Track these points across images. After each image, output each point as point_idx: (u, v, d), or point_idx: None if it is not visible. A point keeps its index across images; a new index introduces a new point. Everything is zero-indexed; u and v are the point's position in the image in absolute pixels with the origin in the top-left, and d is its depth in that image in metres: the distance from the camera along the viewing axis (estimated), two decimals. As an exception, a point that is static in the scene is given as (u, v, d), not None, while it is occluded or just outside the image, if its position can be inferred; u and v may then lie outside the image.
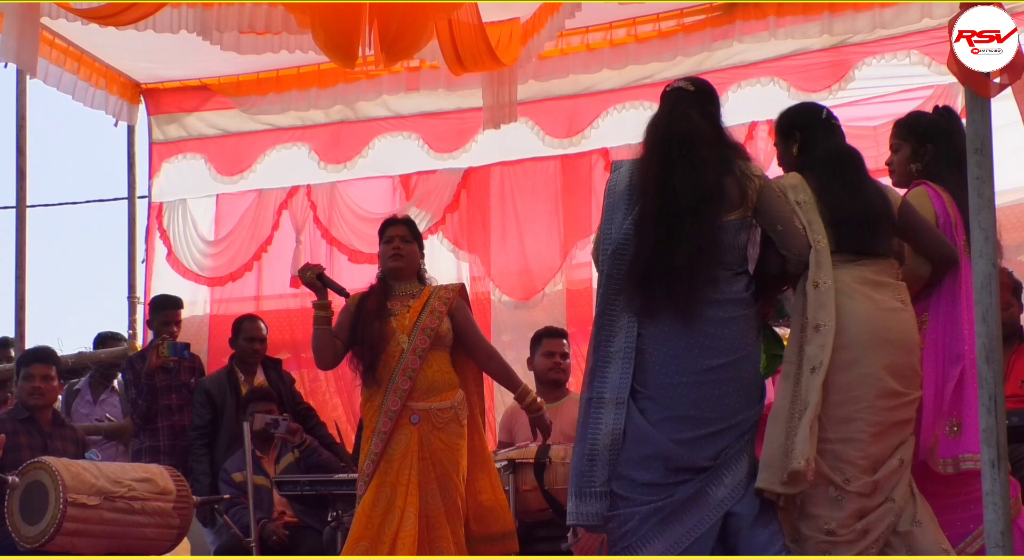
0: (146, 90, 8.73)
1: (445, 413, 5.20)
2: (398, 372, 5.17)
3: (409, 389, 5.16)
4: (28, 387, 6.26)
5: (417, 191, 8.49)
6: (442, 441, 5.18)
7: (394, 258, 5.38)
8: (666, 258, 4.08)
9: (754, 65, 7.71)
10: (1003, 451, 3.77)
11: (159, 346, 7.09)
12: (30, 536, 5.20)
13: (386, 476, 5.10)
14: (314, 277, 5.30)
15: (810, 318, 4.18)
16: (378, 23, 6.41)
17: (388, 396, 5.16)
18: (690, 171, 4.16)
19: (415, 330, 5.23)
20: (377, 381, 5.20)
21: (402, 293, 5.36)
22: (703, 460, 4.07)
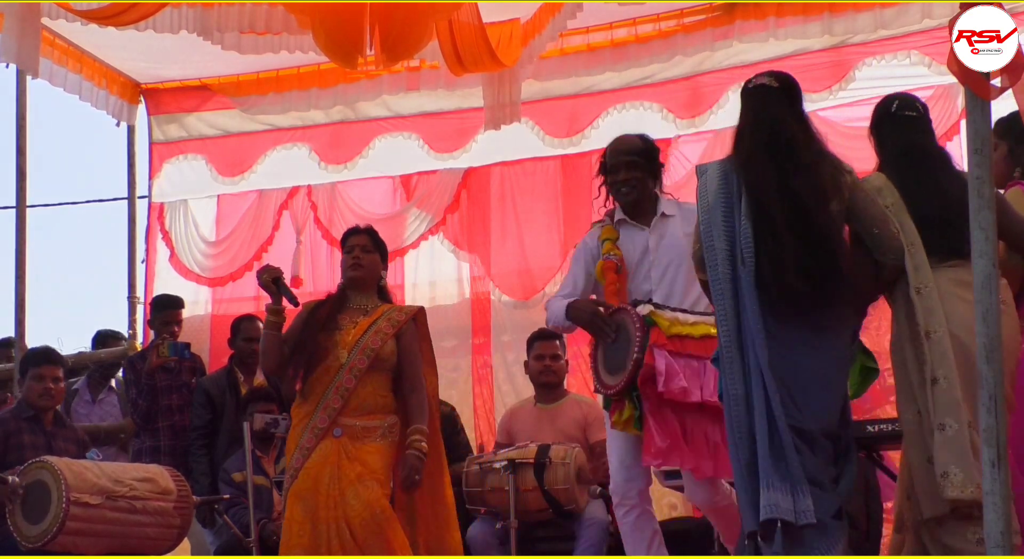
0: (146, 90, 8.74)
1: (371, 432, 5.06)
2: (331, 389, 5.04)
3: (339, 408, 5.03)
4: (39, 388, 6.26)
5: (417, 191, 8.50)
6: (353, 451, 5.00)
7: (353, 267, 5.24)
8: (801, 259, 4.02)
9: (754, 65, 7.70)
10: (1003, 451, 3.77)
11: (160, 346, 7.09)
12: (32, 535, 5.20)
13: (303, 488, 4.96)
14: (270, 281, 5.16)
15: (921, 325, 4.12)
16: (379, 23, 6.41)
17: (318, 413, 5.02)
18: (804, 172, 4.12)
19: (355, 348, 5.09)
20: (307, 394, 5.08)
21: (356, 307, 5.23)
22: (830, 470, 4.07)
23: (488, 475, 6.03)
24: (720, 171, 4.23)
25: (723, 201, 4.15)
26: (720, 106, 7.77)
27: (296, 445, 5.05)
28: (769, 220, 4.06)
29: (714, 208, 4.16)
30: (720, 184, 4.18)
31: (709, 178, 4.23)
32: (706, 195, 4.21)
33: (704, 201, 4.22)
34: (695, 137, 7.89)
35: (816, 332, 4.06)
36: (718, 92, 7.79)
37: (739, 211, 4.11)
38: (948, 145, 7.15)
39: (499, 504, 5.96)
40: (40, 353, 6.54)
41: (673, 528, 5.84)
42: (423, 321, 5.33)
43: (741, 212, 4.10)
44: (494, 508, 6.04)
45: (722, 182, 4.18)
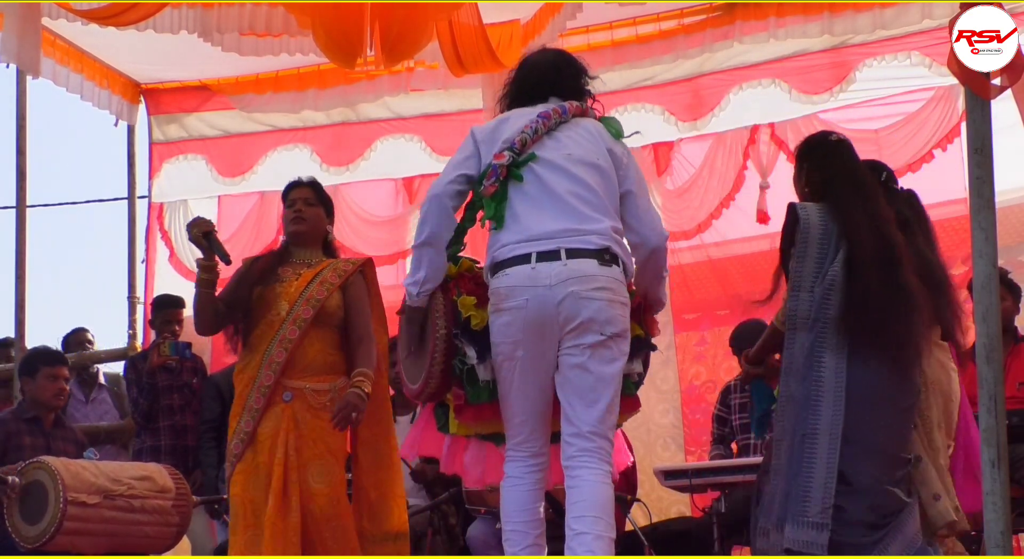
0: (146, 90, 8.74)
1: (321, 395, 4.67)
2: (275, 343, 4.66)
3: (284, 363, 4.64)
4: (55, 388, 6.25)
5: (420, 194, 8.50)
6: (322, 420, 4.63)
7: (295, 221, 4.89)
8: (886, 300, 4.04)
9: (755, 66, 7.73)
10: (1003, 451, 3.78)
11: (160, 345, 7.09)
12: (30, 536, 5.19)
13: (259, 457, 4.61)
14: (200, 235, 4.76)
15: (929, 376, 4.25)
16: (379, 24, 6.41)
17: (262, 369, 4.65)
18: (886, 219, 4.16)
19: (300, 299, 4.70)
20: (251, 349, 4.72)
21: (299, 260, 4.89)
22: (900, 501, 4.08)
23: (488, 475, 6.02)
24: (821, 214, 4.17)
25: (820, 242, 4.13)
26: (721, 108, 7.78)
27: (243, 407, 4.69)
28: (862, 263, 4.09)
29: (810, 248, 4.14)
30: (822, 227, 4.14)
31: (812, 219, 4.16)
32: (806, 236, 4.14)
33: (804, 240, 4.14)
34: (697, 139, 7.89)
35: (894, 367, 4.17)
36: (719, 94, 7.80)
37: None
38: (948, 147, 7.18)
39: (499, 504, 5.94)
40: (53, 353, 6.53)
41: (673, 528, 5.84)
42: (372, 273, 4.95)
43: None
44: (494, 508, 6.03)
45: (823, 225, 4.15)
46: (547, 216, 4.01)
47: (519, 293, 3.97)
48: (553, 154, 4.08)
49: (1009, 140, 5.66)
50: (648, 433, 7.76)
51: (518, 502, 4.13)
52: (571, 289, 3.93)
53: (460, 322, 4.13)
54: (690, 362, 7.84)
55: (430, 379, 4.16)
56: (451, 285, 4.18)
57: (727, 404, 6.69)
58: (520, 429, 4.10)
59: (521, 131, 4.09)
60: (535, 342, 3.98)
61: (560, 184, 4.04)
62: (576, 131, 4.16)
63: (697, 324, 7.84)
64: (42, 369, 6.22)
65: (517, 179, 4.05)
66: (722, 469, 5.92)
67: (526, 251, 3.99)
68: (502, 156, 4.07)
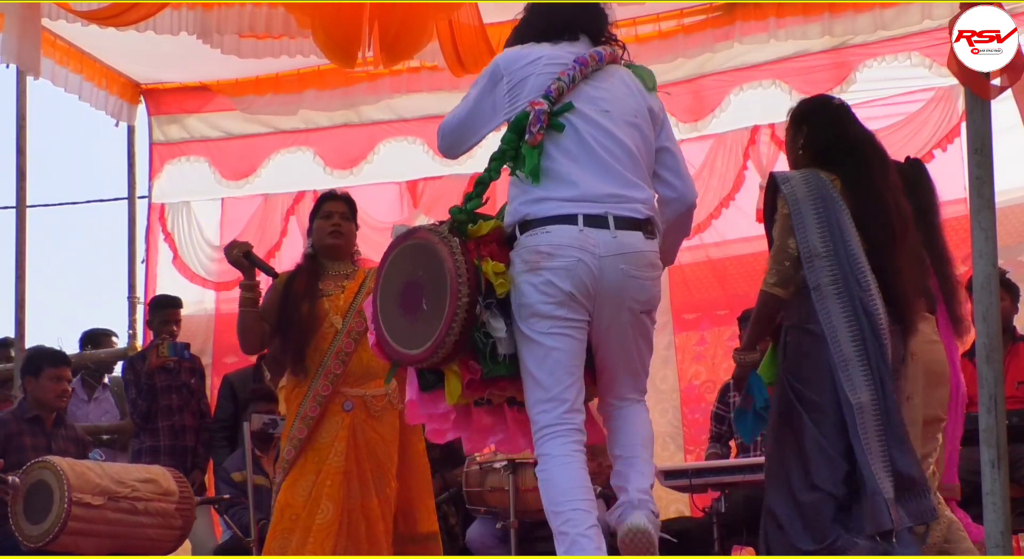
0: (146, 90, 8.75)
1: (379, 400, 4.86)
2: (330, 355, 4.81)
3: (342, 374, 4.81)
4: (59, 388, 6.25)
5: (424, 197, 8.50)
6: (377, 432, 4.86)
7: (333, 235, 4.99)
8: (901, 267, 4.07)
9: (756, 67, 7.72)
10: (1003, 451, 3.78)
11: (159, 346, 7.09)
12: (34, 535, 5.19)
13: (309, 464, 4.78)
14: (240, 255, 4.88)
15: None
16: (378, 24, 6.41)
17: (318, 380, 4.80)
18: (897, 185, 4.17)
19: (351, 311, 4.85)
20: (306, 368, 4.84)
21: (335, 273, 5.00)
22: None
23: (488, 475, 6.03)
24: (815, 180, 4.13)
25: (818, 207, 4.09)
26: (722, 109, 7.78)
27: (296, 414, 4.82)
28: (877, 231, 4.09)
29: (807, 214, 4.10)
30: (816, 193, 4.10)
31: (797, 185, 4.12)
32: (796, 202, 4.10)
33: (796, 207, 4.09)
34: (698, 140, 7.89)
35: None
36: (720, 95, 7.80)
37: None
38: (948, 147, 7.18)
39: (499, 504, 5.96)
40: (57, 354, 6.53)
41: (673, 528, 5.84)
42: None
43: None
44: (494, 508, 6.05)
45: (817, 191, 4.11)
46: (589, 175, 3.71)
47: (567, 252, 3.65)
48: (590, 107, 3.77)
49: (1009, 141, 5.67)
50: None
51: (575, 479, 3.70)
52: (621, 266, 3.68)
53: (484, 290, 3.69)
54: (689, 362, 7.84)
55: (439, 349, 3.65)
56: (471, 245, 3.75)
57: (726, 402, 6.70)
58: (567, 394, 3.69)
59: (556, 77, 3.75)
60: (578, 303, 3.66)
61: (599, 142, 3.73)
62: (612, 82, 3.84)
63: (697, 324, 7.85)
64: (46, 369, 6.22)
65: (557, 129, 3.72)
66: (722, 469, 5.93)
67: (571, 211, 3.67)
68: (540, 103, 3.71)
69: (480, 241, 3.78)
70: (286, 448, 4.84)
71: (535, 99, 3.73)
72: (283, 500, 4.79)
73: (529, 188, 3.74)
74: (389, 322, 3.82)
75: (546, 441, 3.72)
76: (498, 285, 3.69)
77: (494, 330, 3.68)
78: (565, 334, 3.68)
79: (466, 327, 3.63)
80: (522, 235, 3.75)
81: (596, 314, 3.73)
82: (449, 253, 3.68)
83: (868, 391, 3.91)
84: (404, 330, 3.76)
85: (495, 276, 3.69)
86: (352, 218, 5.11)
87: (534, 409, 3.73)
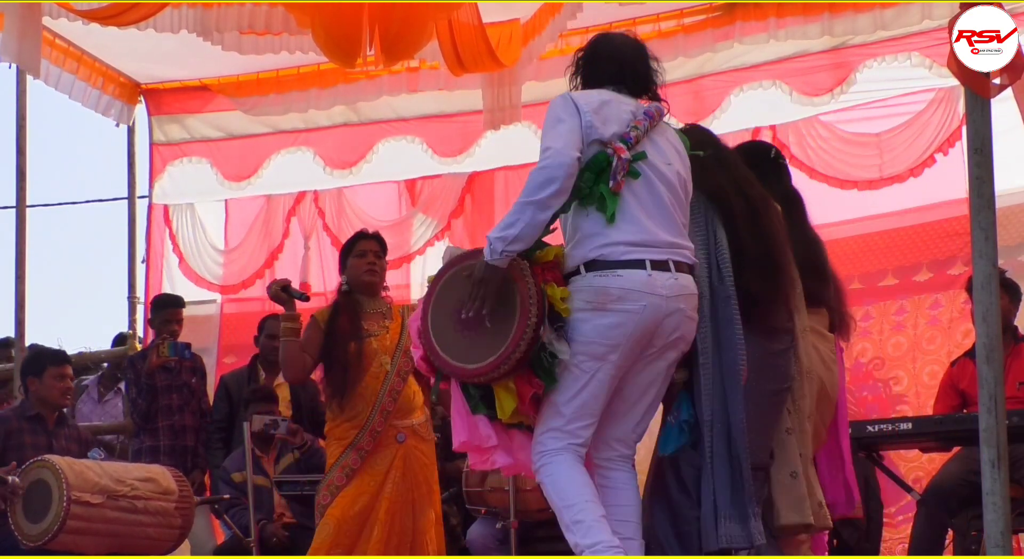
0: (146, 90, 8.75)
1: (424, 427, 5.34)
2: (384, 393, 5.20)
3: (392, 411, 5.22)
4: (63, 387, 6.26)
5: (422, 196, 8.51)
6: (425, 454, 5.32)
7: (369, 272, 5.32)
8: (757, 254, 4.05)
9: (756, 67, 7.72)
10: (1003, 451, 3.78)
11: (160, 346, 7.09)
12: (33, 534, 5.20)
13: (366, 486, 5.17)
14: (280, 290, 5.26)
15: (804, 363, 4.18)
16: (378, 23, 6.41)
17: (374, 416, 5.18)
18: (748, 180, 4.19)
19: (398, 351, 5.26)
20: (360, 401, 5.20)
21: (373, 311, 5.33)
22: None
23: (488, 475, 6.02)
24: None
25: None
26: (723, 110, 7.77)
27: (348, 445, 5.18)
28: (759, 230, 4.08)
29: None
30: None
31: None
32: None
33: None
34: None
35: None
36: (720, 96, 7.79)
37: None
38: (950, 151, 7.17)
39: (499, 504, 5.96)
40: (59, 353, 6.54)
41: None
42: None
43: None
44: (494, 508, 6.04)
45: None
46: (656, 223, 3.83)
47: (636, 297, 3.75)
48: (656, 159, 3.90)
49: (1010, 141, 5.68)
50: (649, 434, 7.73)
51: (582, 475, 3.82)
52: (680, 306, 3.81)
53: (549, 313, 3.77)
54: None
55: (502, 365, 3.72)
56: (537, 269, 3.81)
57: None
58: (583, 431, 3.83)
59: (632, 124, 3.86)
60: (633, 349, 3.80)
61: (664, 193, 3.87)
62: (666, 138, 4.00)
63: (697, 324, 7.83)
64: (49, 368, 6.22)
65: (633, 176, 3.82)
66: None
67: (641, 256, 3.79)
68: (623, 150, 3.81)
69: (545, 266, 3.84)
70: (335, 474, 5.19)
71: (616, 143, 3.82)
72: (338, 517, 5.12)
73: (600, 227, 3.82)
74: (442, 337, 3.88)
75: (548, 457, 3.84)
76: (563, 310, 3.78)
77: (560, 352, 3.76)
78: (604, 379, 3.80)
79: (531, 346, 3.72)
80: (589, 273, 3.81)
81: (642, 355, 3.84)
82: (520, 275, 3.76)
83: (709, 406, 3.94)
84: (460, 345, 3.83)
85: (560, 302, 3.78)
86: (384, 255, 5.45)
87: (545, 434, 3.83)
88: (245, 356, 7.73)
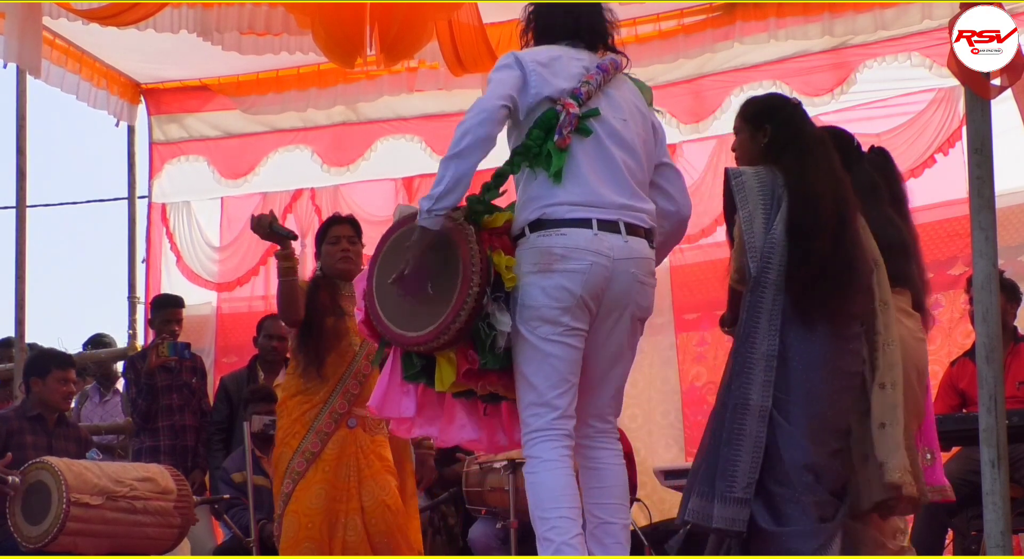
0: (146, 90, 8.75)
1: (375, 423, 5.09)
2: (349, 375, 5.06)
3: (358, 394, 5.03)
4: (65, 390, 6.27)
5: (420, 194, 8.49)
6: (372, 440, 5.09)
7: (343, 260, 5.17)
8: (829, 263, 3.97)
9: (756, 68, 7.71)
10: (1003, 451, 3.78)
11: (159, 345, 7.09)
12: (33, 536, 5.20)
13: (317, 473, 4.98)
14: (267, 227, 5.00)
15: (881, 335, 4.12)
16: (378, 23, 6.42)
17: (336, 397, 5.04)
18: (840, 180, 4.10)
19: None
20: (323, 377, 5.03)
21: (350, 294, 5.14)
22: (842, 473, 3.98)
23: (488, 475, 6.03)
24: (760, 173, 4.11)
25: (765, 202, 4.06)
26: (723, 111, 7.77)
27: (308, 427, 5.02)
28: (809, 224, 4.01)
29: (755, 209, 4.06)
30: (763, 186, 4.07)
31: (748, 178, 4.10)
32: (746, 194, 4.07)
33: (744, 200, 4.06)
34: (699, 142, 7.88)
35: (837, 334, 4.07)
36: (720, 96, 7.79)
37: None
38: (950, 151, 7.17)
39: (499, 504, 5.96)
40: (64, 356, 6.54)
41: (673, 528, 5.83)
42: None
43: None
44: (494, 508, 6.04)
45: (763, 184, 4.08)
46: (605, 182, 3.73)
47: (581, 256, 3.66)
48: (612, 114, 3.79)
49: (1010, 142, 5.67)
50: (649, 434, 7.76)
51: (564, 487, 3.69)
52: (631, 270, 3.72)
53: (493, 282, 3.68)
54: (691, 363, 7.84)
55: (442, 335, 3.64)
56: (484, 235, 3.73)
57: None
58: (560, 400, 3.70)
59: (583, 80, 3.76)
60: (584, 309, 3.69)
61: (617, 151, 3.76)
62: (622, 93, 3.88)
63: (698, 324, 7.84)
64: (53, 371, 6.22)
65: (583, 133, 3.72)
66: (722, 469, 5.91)
67: (586, 215, 3.69)
68: (572, 105, 3.70)
69: (493, 232, 3.77)
70: (293, 459, 5.01)
71: (565, 99, 3.73)
72: (298, 512, 4.95)
73: (546, 188, 3.75)
74: (384, 302, 3.78)
75: (535, 444, 3.73)
76: (508, 279, 3.68)
77: (500, 323, 3.67)
78: (566, 342, 3.70)
79: (472, 316, 3.62)
80: (533, 234, 3.74)
81: (598, 321, 3.76)
82: (464, 240, 3.66)
83: (759, 394, 3.90)
84: (403, 311, 3.73)
85: (506, 270, 3.69)
86: (359, 239, 5.27)
87: (526, 411, 3.74)
88: (245, 356, 7.73)
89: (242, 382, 7.23)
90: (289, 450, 5.05)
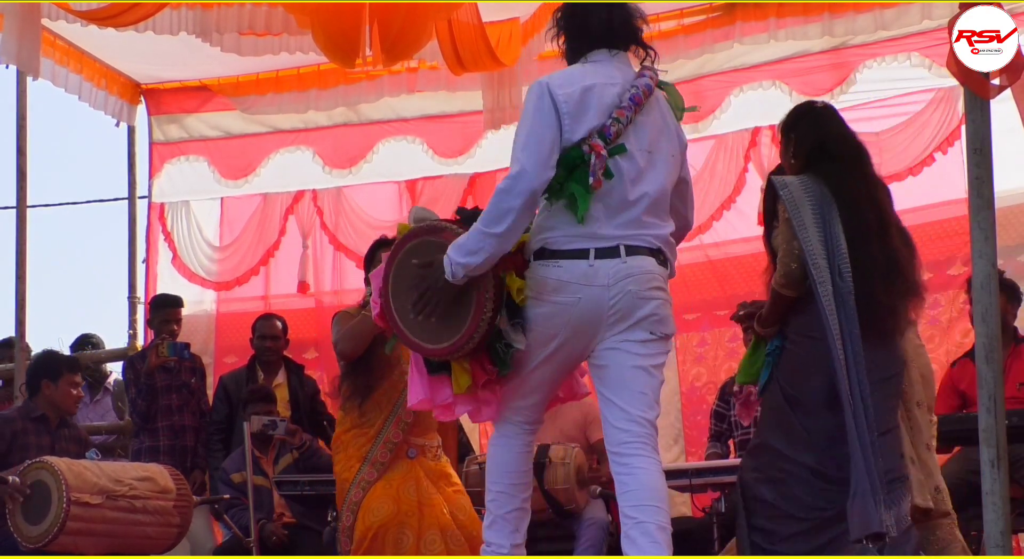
0: (146, 90, 8.75)
1: (434, 450, 5.16)
2: (401, 404, 5.01)
3: (411, 423, 5.06)
4: (76, 395, 6.30)
5: (423, 197, 8.50)
6: (438, 465, 5.16)
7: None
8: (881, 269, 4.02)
9: (756, 68, 7.71)
10: (1003, 451, 3.78)
11: (159, 346, 7.09)
12: (33, 536, 5.19)
13: (384, 488, 5.01)
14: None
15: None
16: (378, 23, 6.41)
17: (389, 427, 5.06)
18: (877, 185, 4.17)
19: None
20: (374, 404, 5.07)
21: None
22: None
23: (488, 475, 6.02)
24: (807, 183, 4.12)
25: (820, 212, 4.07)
26: (722, 110, 7.77)
27: (363, 458, 5.05)
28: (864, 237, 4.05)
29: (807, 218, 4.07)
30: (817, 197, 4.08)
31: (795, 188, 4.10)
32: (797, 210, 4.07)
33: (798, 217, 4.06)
34: (698, 141, 7.87)
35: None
36: (720, 96, 7.79)
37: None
38: (949, 150, 7.18)
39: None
40: (75, 360, 6.55)
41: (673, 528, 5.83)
42: None
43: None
44: (494, 508, 6.04)
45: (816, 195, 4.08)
46: (614, 218, 3.78)
47: (572, 290, 3.75)
48: (637, 147, 3.81)
49: (1010, 142, 5.67)
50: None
51: (508, 464, 4.00)
52: (629, 288, 3.74)
53: (506, 303, 3.81)
54: (691, 363, 7.84)
55: (456, 352, 3.82)
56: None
57: (726, 400, 6.70)
58: (526, 402, 3.96)
59: (613, 116, 3.76)
60: (575, 338, 3.80)
61: (634, 189, 3.79)
62: (651, 118, 3.87)
63: (697, 325, 7.84)
64: (66, 375, 6.22)
65: (607, 177, 3.75)
66: (722, 469, 5.92)
67: (584, 246, 3.75)
68: (600, 147, 3.71)
69: (506, 256, 3.82)
70: (352, 490, 5.05)
71: (594, 139, 3.73)
72: (370, 523, 4.94)
73: (553, 219, 3.81)
74: (401, 312, 3.93)
75: (497, 427, 4.07)
76: (519, 301, 3.81)
77: (515, 342, 3.82)
78: (549, 363, 3.88)
79: (484, 338, 3.79)
80: (536, 262, 3.84)
81: (606, 339, 3.83)
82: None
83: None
84: (417, 325, 3.88)
85: (517, 293, 3.81)
86: None
87: (509, 399, 4.00)
88: (244, 356, 7.73)
89: (241, 382, 7.23)
90: (346, 484, 5.09)
